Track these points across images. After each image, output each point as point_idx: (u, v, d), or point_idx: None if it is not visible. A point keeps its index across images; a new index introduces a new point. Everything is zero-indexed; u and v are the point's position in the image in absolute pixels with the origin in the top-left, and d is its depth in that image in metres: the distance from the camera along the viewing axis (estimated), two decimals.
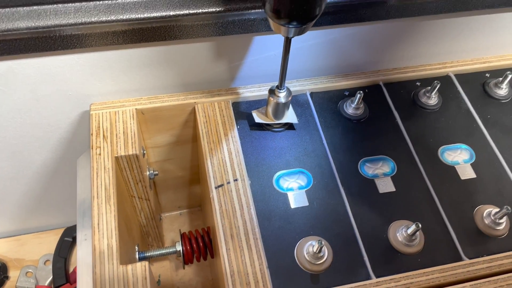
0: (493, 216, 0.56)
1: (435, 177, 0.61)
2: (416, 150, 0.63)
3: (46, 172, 0.76)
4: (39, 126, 0.66)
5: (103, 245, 0.53)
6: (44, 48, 0.53)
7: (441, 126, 0.66)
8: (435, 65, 0.72)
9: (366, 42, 0.67)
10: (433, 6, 0.62)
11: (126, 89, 0.64)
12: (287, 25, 0.48)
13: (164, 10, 0.52)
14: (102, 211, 0.55)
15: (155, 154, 0.75)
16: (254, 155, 0.62)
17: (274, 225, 0.56)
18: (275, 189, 0.59)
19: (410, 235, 0.54)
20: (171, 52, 0.61)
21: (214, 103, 0.66)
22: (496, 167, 0.62)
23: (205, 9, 0.53)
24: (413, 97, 0.69)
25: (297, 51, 0.65)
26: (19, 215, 0.87)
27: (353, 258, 0.54)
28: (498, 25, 0.70)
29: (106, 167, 0.58)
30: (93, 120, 0.62)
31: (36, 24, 0.50)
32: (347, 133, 0.65)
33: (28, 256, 0.89)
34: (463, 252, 0.55)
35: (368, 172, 0.61)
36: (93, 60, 0.58)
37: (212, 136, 0.63)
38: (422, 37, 0.68)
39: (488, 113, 0.68)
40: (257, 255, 0.53)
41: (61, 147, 0.71)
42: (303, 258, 0.53)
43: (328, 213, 0.57)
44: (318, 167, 0.61)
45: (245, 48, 0.63)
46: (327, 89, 0.69)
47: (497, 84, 0.70)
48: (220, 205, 0.57)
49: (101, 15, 0.51)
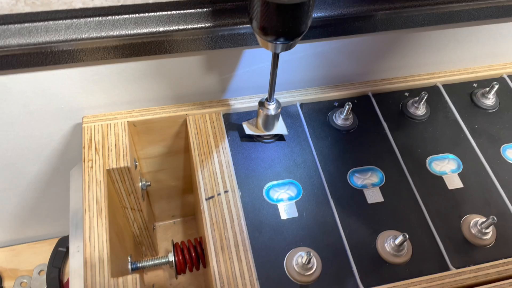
0: (480, 226, 0.57)
1: (423, 187, 0.62)
2: (404, 160, 0.64)
3: (40, 183, 0.77)
4: (32, 139, 0.67)
5: (95, 258, 0.53)
6: (36, 63, 0.54)
7: (429, 136, 0.67)
8: (423, 76, 0.73)
9: (355, 54, 0.68)
10: (419, 19, 0.63)
11: (117, 101, 0.65)
12: (274, 42, 0.49)
13: (154, 26, 0.53)
14: (93, 224, 0.55)
15: (147, 165, 0.75)
16: (244, 166, 0.63)
17: (264, 236, 0.56)
18: (265, 200, 0.60)
19: (398, 246, 0.55)
20: (162, 65, 0.61)
21: (205, 115, 0.67)
22: (483, 176, 0.63)
23: (195, 25, 0.54)
24: (402, 107, 0.70)
25: (286, 63, 0.66)
26: (13, 226, 0.88)
27: (342, 268, 0.55)
28: (484, 36, 0.71)
29: (98, 180, 0.59)
30: (85, 133, 0.63)
31: (28, 41, 0.50)
32: (337, 143, 0.66)
33: (22, 266, 0.89)
34: (450, 261, 0.56)
35: (357, 183, 0.62)
36: (84, 74, 0.59)
37: (203, 147, 0.64)
38: (409, 49, 0.69)
39: (475, 123, 0.69)
40: (247, 267, 0.54)
41: (54, 159, 0.72)
42: (293, 269, 0.53)
43: (317, 224, 0.58)
44: (308, 177, 0.62)
45: (235, 60, 0.64)
46: (317, 100, 0.70)
47: (484, 94, 0.71)
48: (210, 216, 0.57)
49: (91, 32, 0.52)
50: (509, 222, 0.59)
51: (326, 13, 0.58)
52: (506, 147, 0.67)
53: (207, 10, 0.54)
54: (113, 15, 0.52)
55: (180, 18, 0.54)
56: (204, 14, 0.54)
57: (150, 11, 0.53)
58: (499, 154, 0.66)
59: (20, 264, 0.90)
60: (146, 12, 0.53)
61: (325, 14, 0.58)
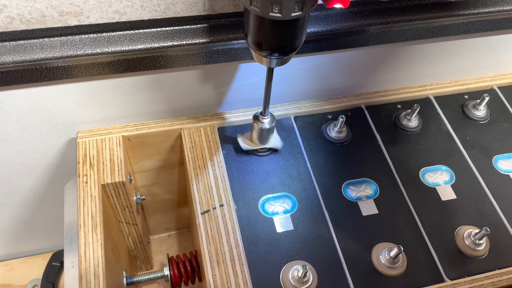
0: (473, 237, 0.58)
1: (416, 198, 0.62)
2: (397, 172, 0.65)
3: (34, 198, 0.76)
4: (26, 154, 0.67)
5: (90, 273, 0.53)
6: (30, 80, 0.54)
7: (421, 148, 0.68)
8: (415, 88, 0.74)
9: (348, 67, 0.69)
10: (411, 33, 0.64)
11: (112, 116, 0.65)
12: (269, 56, 0.49)
13: (149, 42, 0.54)
14: (88, 240, 0.55)
15: (142, 179, 0.75)
16: (239, 180, 0.63)
17: (260, 250, 0.57)
18: (260, 214, 0.60)
19: (392, 258, 0.55)
20: (157, 80, 0.62)
21: (200, 129, 0.67)
22: (476, 188, 0.64)
23: (190, 41, 0.55)
24: (394, 119, 0.71)
25: (280, 76, 0.67)
26: (6, 240, 0.87)
27: (338, 281, 0.55)
28: (474, 49, 0.72)
29: (92, 195, 0.59)
30: (80, 148, 0.63)
31: (23, 58, 0.51)
32: (331, 156, 0.66)
33: (16, 281, 0.89)
34: (445, 273, 0.56)
35: (352, 195, 0.62)
36: (79, 89, 0.59)
37: (198, 161, 0.64)
38: (401, 61, 0.70)
39: (467, 135, 0.70)
40: (243, 281, 0.54)
41: (48, 174, 0.72)
42: (289, 283, 0.53)
43: (312, 237, 0.58)
44: (303, 190, 0.62)
45: (230, 75, 0.65)
46: (311, 113, 0.71)
47: (475, 106, 0.72)
48: (206, 231, 0.57)
49: (86, 48, 0.52)
50: (502, 233, 0.60)
51: (320, 28, 0.59)
52: (497, 158, 0.68)
53: (201, 26, 0.55)
54: (108, 32, 0.52)
55: (174, 34, 0.54)
56: (198, 30, 0.55)
57: (145, 28, 0.53)
58: (491, 165, 0.67)
59: (14, 279, 0.89)
60: (141, 29, 0.53)
61: (319, 29, 0.59)
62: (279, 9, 0.42)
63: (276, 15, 0.43)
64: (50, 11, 0.49)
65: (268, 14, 0.43)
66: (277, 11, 0.42)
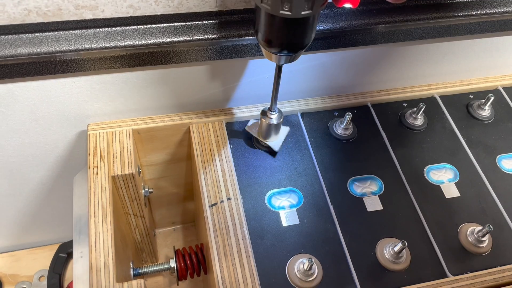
0: (476, 234, 0.58)
1: (420, 196, 0.63)
2: (402, 169, 0.66)
3: (43, 189, 0.78)
4: (37, 146, 0.68)
5: (100, 263, 0.54)
6: (44, 72, 0.55)
7: (426, 146, 0.69)
8: (420, 87, 0.75)
9: (355, 65, 0.70)
10: (417, 32, 0.65)
11: (123, 110, 0.66)
12: (279, 54, 0.50)
13: (161, 37, 0.55)
14: (99, 230, 0.56)
15: (150, 172, 0.77)
16: (247, 174, 0.64)
17: (266, 243, 0.58)
18: (267, 208, 0.61)
19: (397, 253, 0.56)
20: (167, 74, 0.63)
21: (208, 123, 0.68)
22: (479, 186, 0.65)
23: (201, 36, 0.56)
24: (400, 118, 0.72)
25: (288, 74, 0.67)
26: (14, 231, 0.88)
27: (342, 275, 0.56)
28: (480, 49, 0.73)
29: (103, 186, 0.60)
30: (91, 140, 0.64)
31: (38, 50, 0.52)
32: (337, 153, 0.67)
33: (22, 272, 0.90)
34: (448, 269, 0.57)
35: (357, 191, 0.63)
36: (91, 82, 0.60)
37: (206, 155, 0.65)
38: (407, 61, 0.71)
39: (471, 134, 0.71)
40: (249, 273, 0.55)
41: (58, 166, 0.73)
42: (294, 275, 0.55)
43: (318, 231, 0.59)
44: (309, 186, 0.63)
45: (239, 71, 0.66)
46: (317, 110, 0.72)
47: (480, 106, 0.73)
48: (213, 223, 0.58)
49: (100, 42, 0.53)
50: (504, 230, 0.61)
51: (328, 26, 0.60)
52: (501, 157, 0.68)
53: (213, 22, 0.56)
54: (122, 26, 0.53)
55: (186, 29, 0.55)
56: (210, 25, 0.56)
57: (157, 23, 0.54)
58: (494, 164, 0.68)
59: (20, 270, 0.90)
60: (154, 24, 0.54)
61: (327, 27, 0.60)
62: (289, 7, 0.43)
63: (286, 13, 0.44)
64: (66, 4, 0.50)
65: (279, 12, 0.44)
66: (287, 9, 0.43)
